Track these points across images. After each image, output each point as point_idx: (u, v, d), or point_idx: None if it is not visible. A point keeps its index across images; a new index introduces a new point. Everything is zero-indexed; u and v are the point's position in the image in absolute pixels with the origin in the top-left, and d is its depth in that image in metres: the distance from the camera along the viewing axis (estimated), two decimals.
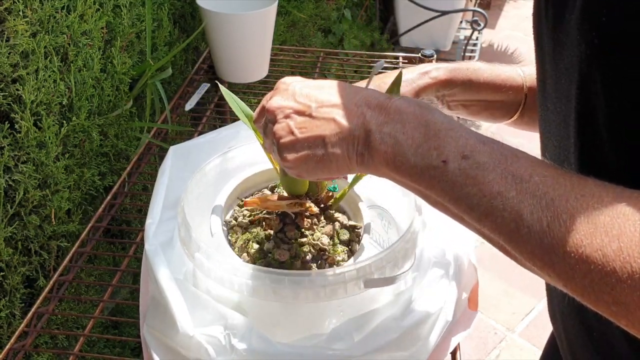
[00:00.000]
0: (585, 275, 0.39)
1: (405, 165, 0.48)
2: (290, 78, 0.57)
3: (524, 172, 0.44)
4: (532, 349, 1.85)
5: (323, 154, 0.52)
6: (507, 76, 0.71)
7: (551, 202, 0.41)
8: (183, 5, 1.42)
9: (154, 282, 0.65)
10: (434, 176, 0.47)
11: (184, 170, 0.79)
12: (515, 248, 0.43)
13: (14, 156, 0.89)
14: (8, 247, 0.89)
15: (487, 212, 0.44)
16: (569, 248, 0.40)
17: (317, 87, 0.55)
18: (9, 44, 0.85)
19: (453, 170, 0.46)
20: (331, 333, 0.61)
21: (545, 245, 0.41)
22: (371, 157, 0.50)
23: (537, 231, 0.41)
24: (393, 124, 0.50)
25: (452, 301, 0.67)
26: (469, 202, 0.45)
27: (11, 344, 0.80)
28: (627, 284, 0.37)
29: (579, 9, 0.43)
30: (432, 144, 0.47)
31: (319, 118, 0.53)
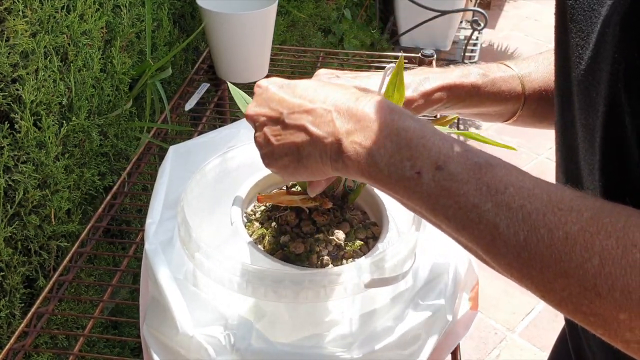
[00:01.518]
0: (564, 288, 0.39)
1: (378, 175, 0.48)
2: (266, 81, 0.57)
3: (499, 182, 0.43)
4: (533, 349, 1.85)
5: (298, 161, 0.53)
6: (508, 88, 0.71)
7: (528, 215, 0.41)
8: (183, 5, 1.42)
9: (154, 282, 0.65)
10: (408, 187, 0.46)
11: (183, 170, 0.79)
12: (493, 259, 0.43)
13: (14, 156, 0.88)
14: (8, 247, 0.89)
15: (464, 224, 0.44)
16: (547, 263, 0.40)
17: (290, 90, 0.54)
18: (9, 43, 0.85)
19: (427, 182, 0.45)
20: (331, 333, 0.61)
21: (523, 259, 0.41)
22: (345, 166, 0.50)
23: (513, 245, 0.41)
24: (363, 132, 0.49)
25: (452, 301, 0.67)
26: (445, 213, 0.45)
27: (11, 344, 0.80)
28: (607, 299, 0.37)
29: (618, 24, 0.42)
30: (405, 154, 0.47)
31: (291, 126, 0.53)
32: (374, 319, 0.63)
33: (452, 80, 0.70)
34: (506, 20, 3.73)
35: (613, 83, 0.43)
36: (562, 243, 0.39)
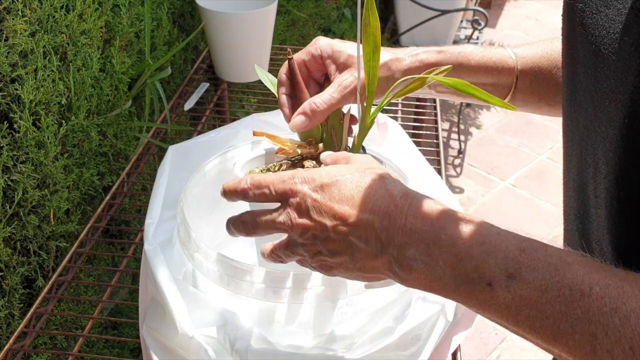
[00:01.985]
0: None
1: (445, 288, 0.45)
2: (299, 184, 0.52)
3: (581, 283, 0.39)
4: (533, 349, 1.84)
5: (357, 269, 0.51)
6: (499, 59, 0.70)
7: (626, 319, 0.37)
8: (182, 5, 1.42)
9: (153, 282, 0.65)
10: (483, 300, 0.43)
11: (183, 170, 0.79)
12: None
13: (13, 156, 0.88)
14: (7, 247, 0.89)
15: (555, 335, 0.40)
16: None
17: (328, 195, 0.50)
18: (8, 43, 0.84)
19: (502, 294, 0.42)
20: (331, 333, 0.61)
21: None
22: (406, 279, 0.47)
23: (618, 354, 0.37)
24: (415, 246, 0.45)
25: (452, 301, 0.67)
26: (532, 325, 0.42)
27: (10, 345, 0.80)
28: None
29: (639, 34, 0.40)
30: (468, 265, 0.43)
31: (338, 240, 0.49)
32: (374, 319, 0.63)
33: (442, 48, 0.71)
34: (507, 19, 3.73)
35: (632, 95, 0.41)
36: None
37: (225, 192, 0.56)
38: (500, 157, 2.62)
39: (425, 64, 0.68)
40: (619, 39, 0.42)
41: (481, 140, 2.73)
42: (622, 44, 0.42)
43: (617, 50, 0.43)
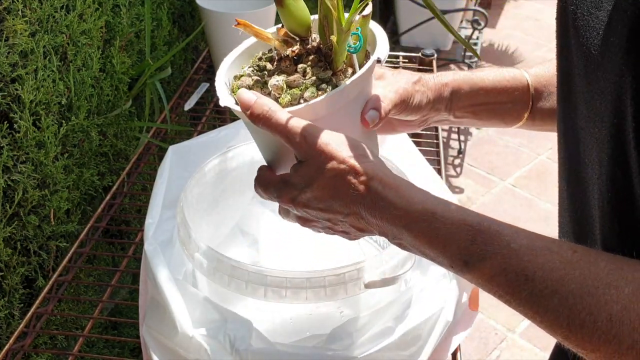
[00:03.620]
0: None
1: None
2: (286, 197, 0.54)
3: (525, 269, 0.44)
4: (533, 349, 1.84)
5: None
6: (512, 77, 0.70)
7: (564, 300, 0.42)
8: (182, 5, 1.42)
9: (153, 282, 0.65)
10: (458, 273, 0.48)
11: (183, 170, 0.79)
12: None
13: (13, 156, 0.88)
14: (7, 247, 0.89)
15: (514, 311, 0.45)
16: (596, 345, 0.41)
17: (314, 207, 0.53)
18: (8, 43, 0.84)
19: (465, 277, 0.47)
20: (331, 333, 0.61)
21: (572, 342, 0.43)
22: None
23: (559, 331, 0.42)
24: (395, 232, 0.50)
25: (452, 301, 0.67)
26: (500, 300, 0.46)
27: (10, 345, 0.80)
28: None
29: (625, 36, 0.41)
30: (434, 251, 0.48)
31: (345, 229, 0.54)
32: (374, 319, 0.63)
33: (450, 72, 0.70)
34: (507, 19, 3.73)
35: (618, 95, 0.42)
36: (607, 325, 0.39)
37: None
38: (500, 157, 2.62)
39: (444, 82, 0.68)
40: (607, 41, 0.43)
41: (481, 140, 2.73)
42: (609, 45, 0.43)
43: (605, 51, 0.43)
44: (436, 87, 0.67)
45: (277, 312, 0.69)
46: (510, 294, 0.44)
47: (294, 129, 0.52)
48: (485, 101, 0.69)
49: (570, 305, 0.41)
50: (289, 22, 0.58)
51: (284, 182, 0.54)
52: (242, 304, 0.68)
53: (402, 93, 0.63)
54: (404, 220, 0.48)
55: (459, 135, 2.63)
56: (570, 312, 0.41)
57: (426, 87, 0.66)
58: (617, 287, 0.40)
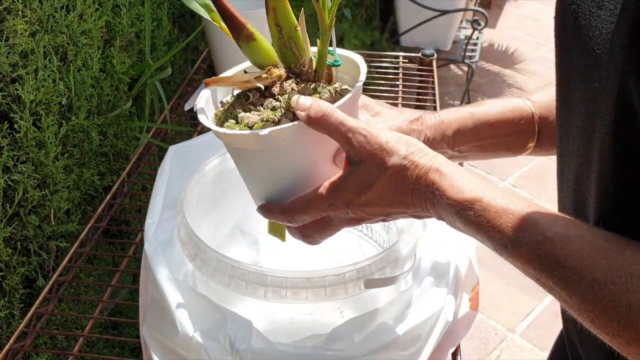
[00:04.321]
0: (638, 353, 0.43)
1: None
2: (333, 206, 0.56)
3: (558, 255, 0.47)
4: (533, 349, 1.84)
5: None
6: (515, 107, 0.69)
7: (590, 287, 0.44)
8: (182, 5, 1.42)
9: (154, 282, 0.65)
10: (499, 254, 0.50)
11: (183, 170, 0.79)
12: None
13: (13, 156, 0.88)
14: (7, 247, 0.89)
15: (546, 292, 0.48)
16: (616, 331, 0.43)
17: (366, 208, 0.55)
18: (8, 43, 0.84)
19: (505, 258, 0.50)
20: (331, 333, 0.61)
21: (596, 327, 0.45)
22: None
23: (582, 313, 0.45)
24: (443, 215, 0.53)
25: (452, 301, 0.67)
26: (538, 281, 0.49)
27: (10, 345, 0.80)
28: None
29: (627, 36, 0.42)
30: (482, 234, 0.51)
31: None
32: (374, 319, 0.63)
33: (451, 109, 0.69)
34: (507, 19, 3.73)
35: (621, 94, 0.43)
36: (626, 312, 0.42)
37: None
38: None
39: (447, 123, 0.68)
40: (610, 40, 0.44)
41: None
42: (612, 45, 0.43)
43: (608, 51, 0.44)
44: (437, 126, 0.67)
45: (277, 312, 0.69)
46: (544, 278, 0.47)
47: (355, 128, 0.52)
48: (490, 134, 0.69)
49: (595, 291, 0.44)
50: (260, 56, 0.58)
51: (335, 188, 0.54)
52: (242, 304, 0.68)
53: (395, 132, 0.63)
54: (455, 208, 0.51)
55: None
56: (594, 298, 0.43)
57: (425, 125, 0.66)
58: (639, 276, 0.42)
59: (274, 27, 0.56)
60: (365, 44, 2.51)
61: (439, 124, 0.67)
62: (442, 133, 0.67)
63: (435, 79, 1.34)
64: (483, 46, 3.24)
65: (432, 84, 1.34)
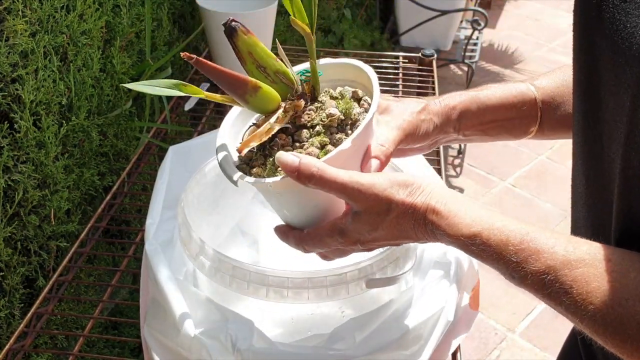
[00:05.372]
0: None
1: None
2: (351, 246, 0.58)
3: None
4: (533, 349, 1.84)
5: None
6: (518, 92, 0.70)
7: (585, 296, 0.47)
8: (183, 5, 1.42)
9: (154, 282, 0.65)
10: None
11: (183, 170, 0.79)
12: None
13: (13, 156, 0.88)
14: (7, 247, 0.89)
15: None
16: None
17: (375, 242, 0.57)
18: (8, 43, 0.84)
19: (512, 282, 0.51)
20: (332, 333, 0.61)
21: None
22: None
23: (584, 327, 0.47)
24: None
25: (453, 301, 0.67)
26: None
27: (10, 345, 0.80)
28: None
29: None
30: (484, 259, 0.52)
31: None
32: (376, 319, 0.63)
33: (455, 93, 0.70)
34: (507, 19, 3.73)
35: (637, 89, 0.43)
36: (637, 332, 0.44)
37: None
38: (500, 157, 2.62)
39: (451, 106, 0.68)
40: (635, 33, 0.44)
41: None
42: (637, 37, 0.44)
43: (633, 44, 0.44)
44: (443, 112, 0.67)
45: (279, 312, 0.69)
46: (554, 304, 0.48)
47: (348, 183, 0.53)
48: (493, 118, 0.69)
49: (604, 315, 0.45)
50: (269, 101, 0.56)
51: (342, 231, 0.56)
52: (243, 304, 0.68)
53: (407, 127, 0.64)
54: (457, 244, 0.53)
55: None
56: (604, 321, 0.45)
57: (432, 113, 0.66)
58: None
59: (256, 70, 0.56)
60: (365, 44, 2.51)
61: (444, 109, 0.67)
62: (448, 117, 0.67)
63: (435, 79, 1.34)
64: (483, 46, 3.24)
65: (432, 84, 1.34)
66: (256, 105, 0.56)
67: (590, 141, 0.53)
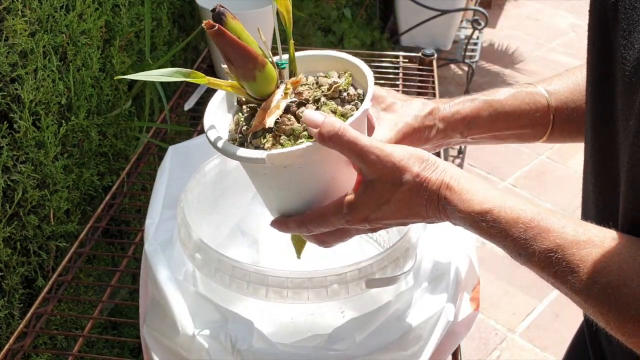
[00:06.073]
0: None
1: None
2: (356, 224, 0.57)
3: (570, 262, 0.49)
4: (534, 349, 1.84)
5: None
6: (532, 99, 0.68)
7: (603, 290, 0.46)
8: (182, 5, 1.42)
9: (154, 282, 0.65)
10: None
11: (183, 170, 0.79)
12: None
13: (13, 156, 0.88)
14: (7, 247, 0.89)
15: (564, 295, 0.50)
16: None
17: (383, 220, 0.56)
18: (8, 43, 0.84)
19: (522, 263, 0.51)
20: (332, 333, 0.61)
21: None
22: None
23: (597, 316, 0.47)
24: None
25: (453, 301, 0.67)
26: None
27: (10, 345, 0.79)
28: None
29: None
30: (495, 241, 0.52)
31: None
32: (375, 319, 0.62)
33: (471, 95, 0.69)
34: (507, 19, 3.73)
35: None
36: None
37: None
38: (500, 157, 2.62)
39: (462, 115, 0.67)
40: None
41: None
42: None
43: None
44: (451, 119, 0.66)
45: (278, 312, 0.68)
46: (559, 283, 0.48)
47: (368, 147, 0.53)
48: (506, 126, 0.68)
49: (609, 295, 0.45)
50: (272, 80, 0.56)
51: (351, 205, 0.55)
52: (243, 304, 0.68)
53: (406, 131, 0.63)
54: (468, 220, 0.53)
55: None
56: (609, 301, 0.45)
57: (438, 118, 0.65)
58: None
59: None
60: (365, 44, 2.51)
61: (453, 115, 0.66)
62: (455, 124, 0.67)
63: (435, 79, 1.34)
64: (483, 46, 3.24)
65: (433, 83, 1.33)
66: (262, 82, 0.56)
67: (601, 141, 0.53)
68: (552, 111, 0.68)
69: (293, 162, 0.54)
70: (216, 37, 0.52)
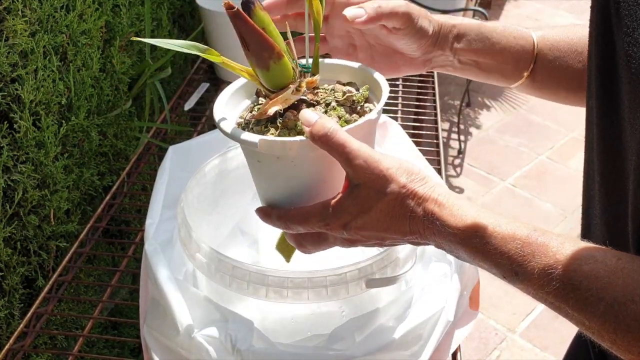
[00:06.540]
0: None
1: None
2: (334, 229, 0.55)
3: (572, 278, 0.46)
4: (534, 349, 1.84)
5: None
6: (519, 34, 0.70)
7: (610, 307, 0.44)
8: (182, 5, 1.42)
9: (154, 282, 0.65)
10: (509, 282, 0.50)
11: (183, 170, 0.79)
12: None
13: (13, 156, 0.88)
14: (7, 247, 0.89)
15: (562, 318, 0.48)
16: None
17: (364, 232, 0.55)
18: (8, 43, 0.84)
19: (516, 285, 0.49)
20: (332, 333, 0.61)
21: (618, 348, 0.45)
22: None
23: (604, 335, 0.45)
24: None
25: (453, 301, 0.67)
26: (546, 303, 0.48)
27: (10, 345, 0.80)
28: None
29: None
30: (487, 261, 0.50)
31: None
32: (376, 319, 0.63)
33: (459, 17, 0.70)
34: (507, 19, 3.73)
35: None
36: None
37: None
38: (500, 157, 2.62)
39: (453, 23, 0.69)
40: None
41: (481, 140, 2.73)
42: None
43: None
44: (442, 24, 0.67)
45: (279, 312, 0.69)
46: (559, 302, 0.46)
47: (356, 151, 0.52)
48: (489, 54, 0.69)
49: (616, 312, 0.43)
50: (287, 72, 0.56)
51: (333, 208, 0.54)
52: (243, 304, 0.68)
53: (410, 6, 0.63)
54: (459, 237, 0.50)
55: (459, 135, 2.63)
56: (616, 318, 0.43)
57: (431, 19, 0.66)
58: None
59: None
60: None
61: (444, 23, 0.68)
62: (446, 31, 0.67)
63: (435, 79, 1.34)
64: None
65: (432, 83, 1.34)
66: (275, 73, 0.56)
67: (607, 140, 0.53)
68: (536, 50, 0.69)
69: (285, 154, 0.54)
70: (234, 18, 0.52)
